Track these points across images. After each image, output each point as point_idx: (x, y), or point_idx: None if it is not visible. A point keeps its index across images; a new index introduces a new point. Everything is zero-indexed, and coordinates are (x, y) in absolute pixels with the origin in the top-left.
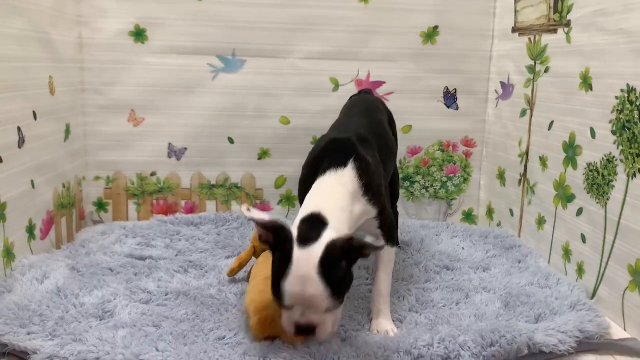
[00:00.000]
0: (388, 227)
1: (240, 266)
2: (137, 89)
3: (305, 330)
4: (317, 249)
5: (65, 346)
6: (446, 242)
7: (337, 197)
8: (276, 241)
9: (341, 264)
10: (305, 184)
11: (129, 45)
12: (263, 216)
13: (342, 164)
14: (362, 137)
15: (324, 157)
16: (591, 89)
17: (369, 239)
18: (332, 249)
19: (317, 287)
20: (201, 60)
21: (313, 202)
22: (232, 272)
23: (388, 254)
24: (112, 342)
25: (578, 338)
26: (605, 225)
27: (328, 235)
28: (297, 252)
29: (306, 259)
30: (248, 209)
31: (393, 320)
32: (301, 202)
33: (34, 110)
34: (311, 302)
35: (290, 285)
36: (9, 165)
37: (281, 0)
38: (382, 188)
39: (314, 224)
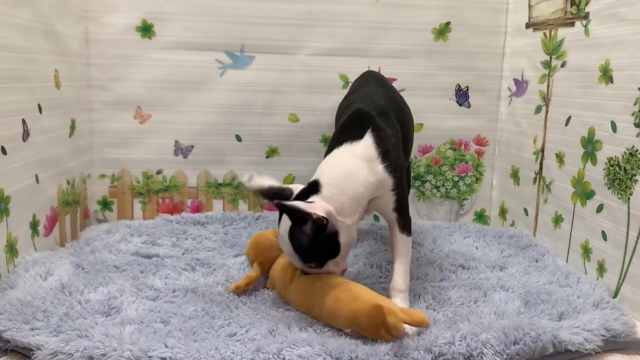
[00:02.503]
0: (404, 211)
1: (248, 285)
2: (144, 85)
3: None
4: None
5: (71, 342)
6: (459, 242)
7: (344, 166)
8: (276, 205)
9: (304, 229)
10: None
11: (136, 40)
12: (262, 183)
13: (358, 136)
14: (382, 111)
15: (345, 129)
16: (612, 82)
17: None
18: (293, 217)
19: (290, 253)
20: (209, 56)
21: (318, 171)
22: (238, 290)
23: (404, 244)
24: (120, 338)
25: (604, 337)
26: (629, 222)
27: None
28: (283, 219)
29: (284, 226)
30: (249, 179)
31: None
32: None
33: (39, 104)
34: (291, 258)
35: (280, 245)
36: (13, 158)
37: None
38: (399, 160)
39: (307, 193)
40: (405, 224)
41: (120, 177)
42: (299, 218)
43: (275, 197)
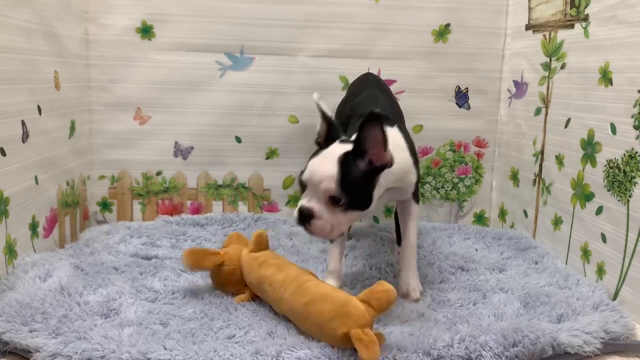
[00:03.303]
0: (417, 189)
1: (252, 295)
2: (144, 86)
3: (305, 217)
4: (350, 145)
5: (69, 344)
6: (459, 244)
7: (393, 137)
8: (327, 134)
9: (358, 163)
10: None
11: (136, 42)
12: (326, 109)
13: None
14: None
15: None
16: (611, 84)
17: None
18: (359, 145)
19: (331, 167)
20: (209, 57)
21: None
22: (242, 301)
23: (415, 209)
24: (118, 341)
25: (603, 339)
26: (628, 224)
27: None
28: (336, 143)
29: (335, 150)
30: (318, 98)
31: (409, 320)
32: None
33: (39, 105)
34: (321, 178)
35: (314, 159)
36: (13, 160)
37: None
38: (419, 167)
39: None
40: (417, 197)
41: (120, 178)
42: (361, 150)
43: (332, 126)
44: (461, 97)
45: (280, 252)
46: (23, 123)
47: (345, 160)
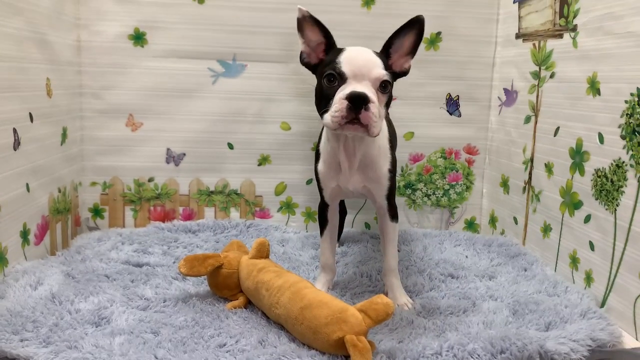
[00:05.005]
0: (393, 200)
1: (245, 302)
2: (136, 93)
3: (363, 100)
4: None
5: (60, 353)
6: (449, 251)
7: None
8: (328, 47)
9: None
10: None
11: (128, 48)
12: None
13: None
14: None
15: None
16: (599, 94)
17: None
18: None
19: (371, 54)
20: (201, 64)
21: None
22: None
23: (393, 230)
24: (109, 350)
25: (590, 347)
26: (615, 232)
27: None
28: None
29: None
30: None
31: (398, 327)
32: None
33: (31, 112)
34: (373, 64)
35: (350, 51)
36: (4, 168)
37: (283, 4)
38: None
39: None
40: (394, 214)
41: (112, 185)
42: (386, 53)
43: (331, 36)
44: (452, 105)
45: (271, 259)
46: (15, 131)
47: (379, 56)
